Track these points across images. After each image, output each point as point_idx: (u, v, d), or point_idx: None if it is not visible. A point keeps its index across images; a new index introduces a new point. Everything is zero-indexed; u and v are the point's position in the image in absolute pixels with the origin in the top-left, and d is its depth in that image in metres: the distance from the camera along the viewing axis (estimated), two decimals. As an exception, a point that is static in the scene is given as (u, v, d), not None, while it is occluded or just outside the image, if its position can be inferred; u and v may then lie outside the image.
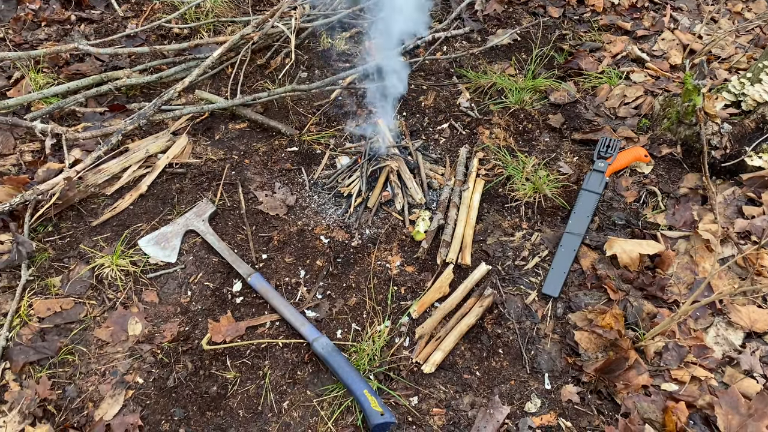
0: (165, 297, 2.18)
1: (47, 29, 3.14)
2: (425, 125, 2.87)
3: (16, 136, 2.60)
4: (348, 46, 3.22)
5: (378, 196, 2.49)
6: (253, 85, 3.01)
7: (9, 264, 2.19)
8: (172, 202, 2.48)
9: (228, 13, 3.33)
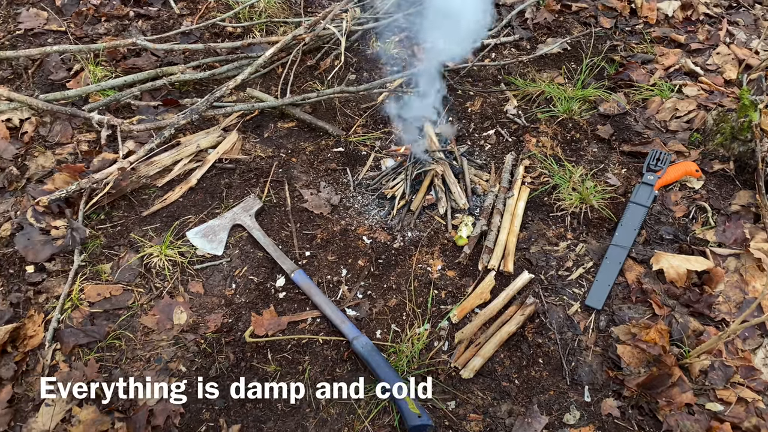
0: (210, 288, 2.22)
1: (107, 24, 3.25)
2: (471, 131, 2.87)
3: (74, 126, 2.69)
4: (397, 50, 3.24)
5: (421, 200, 2.49)
6: (303, 85, 3.06)
7: (63, 249, 2.26)
8: (220, 197, 2.53)
9: (280, 13, 3.39)
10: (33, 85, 2.90)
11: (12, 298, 2.13)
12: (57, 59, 2.99)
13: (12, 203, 2.41)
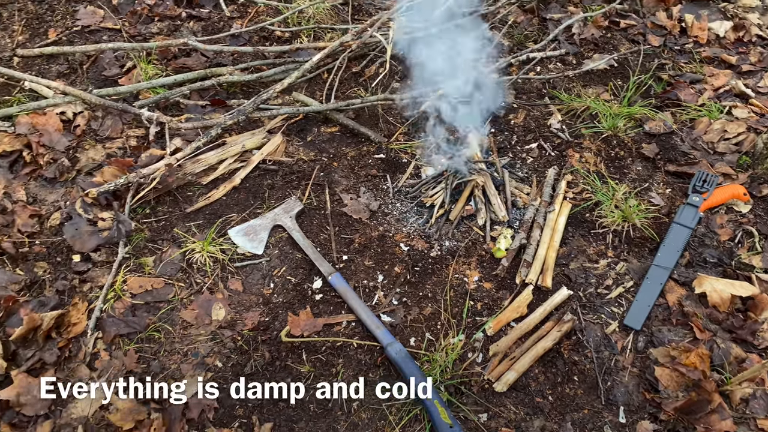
0: (249, 286, 2.25)
1: (159, 24, 3.33)
2: (514, 143, 2.86)
3: (124, 122, 2.77)
4: (441, 60, 3.25)
5: (461, 210, 2.49)
6: (347, 91, 3.09)
7: (108, 240, 2.32)
8: (262, 197, 2.57)
9: (328, 20, 3.43)
10: (87, 80, 2.99)
11: (58, 285, 2.20)
12: (111, 56, 3.07)
13: (62, 193, 2.48)
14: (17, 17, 3.26)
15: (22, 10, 3.29)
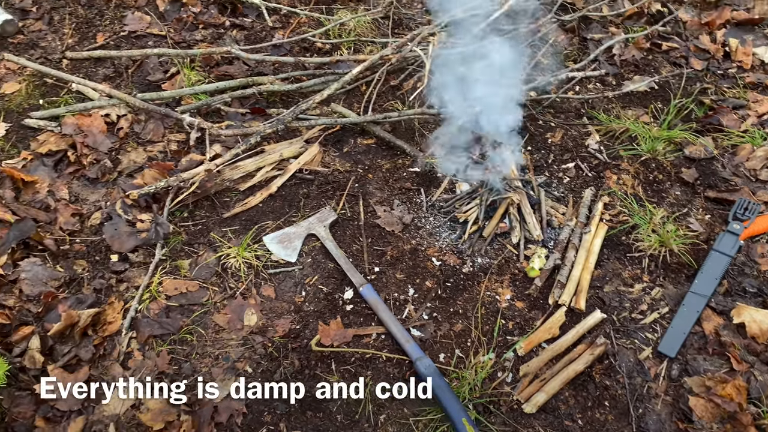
0: (281, 294, 2.27)
1: (204, 31, 3.40)
2: (550, 162, 2.84)
3: (166, 126, 2.82)
4: (480, 76, 3.25)
5: (494, 227, 2.48)
6: (384, 104, 3.11)
7: (146, 241, 2.37)
8: (297, 205, 2.59)
9: (369, 33, 3.47)
10: (131, 84, 3.06)
11: (96, 284, 2.24)
12: (155, 61, 3.14)
13: (103, 194, 2.54)
14: (68, 21, 3.36)
15: (72, 14, 3.39)
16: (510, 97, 2.98)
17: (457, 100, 3.01)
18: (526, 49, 3.42)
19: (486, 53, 3.33)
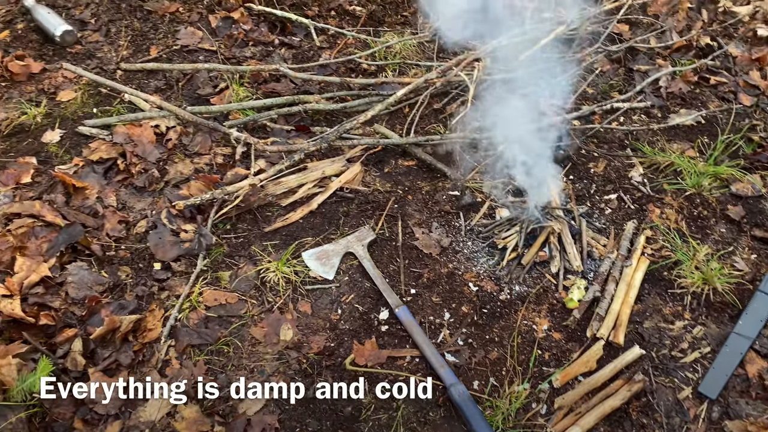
0: (317, 310, 2.29)
1: (253, 48, 3.48)
2: (592, 192, 2.82)
3: (213, 139, 2.89)
4: (524, 103, 3.25)
5: (534, 255, 2.46)
6: (427, 126, 3.13)
7: (189, 251, 2.41)
8: (337, 223, 2.61)
9: (414, 56, 3.51)
10: (181, 97, 3.14)
11: (138, 290, 2.29)
12: (205, 76, 3.23)
13: (150, 203, 2.60)
14: (124, 33, 3.47)
15: (128, 26, 3.51)
16: (553, 126, 2.97)
17: (500, 126, 3.02)
18: (571, 78, 3.41)
19: (531, 80, 3.33)
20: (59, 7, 3.52)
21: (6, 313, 2.07)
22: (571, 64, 3.46)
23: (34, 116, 2.92)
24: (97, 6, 3.58)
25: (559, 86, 3.31)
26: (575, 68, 3.45)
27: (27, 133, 2.87)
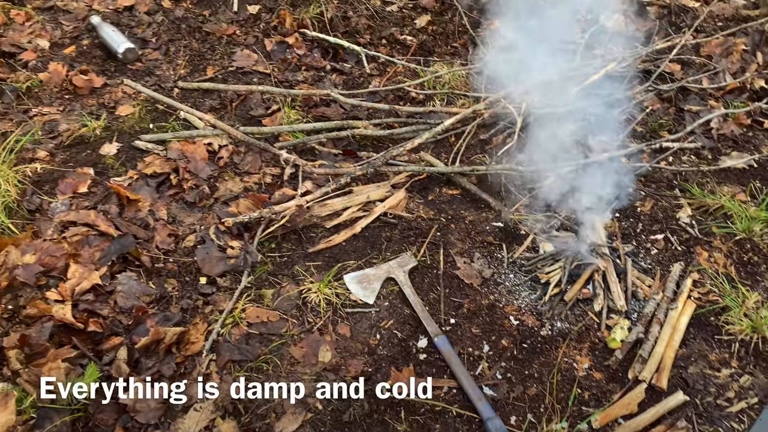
0: (356, 334, 2.30)
1: (305, 73, 3.57)
2: (638, 231, 2.78)
3: (263, 159, 2.95)
4: (571, 138, 3.25)
5: (577, 292, 2.44)
6: (472, 156, 3.15)
7: (234, 268, 2.46)
8: (379, 248, 2.63)
9: (462, 87, 3.54)
10: (234, 117, 3.23)
11: (183, 303, 2.34)
12: (258, 97, 3.31)
13: (199, 218, 2.67)
14: (182, 53, 3.60)
15: (187, 47, 3.64)
16: (600, 162, 2.96)
17: (547, 160, 3.02)
18: (620, 115, 3.40)
19: (579, 116, 3.33)
20: (123, 26, 3.67)
21: (57, 317, 2.14)
22: (620, 102, 3.45)
23: (94, 129, 3.04)
24: (159, 26, 3.72)
25: (607, 123, 3.30)
26: (625, 106, 3.44)
27: (86, 145, 2.98)
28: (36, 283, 2.26)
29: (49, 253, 2.36)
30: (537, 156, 3.12)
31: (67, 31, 3.66)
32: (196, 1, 3.95)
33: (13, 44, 3.49)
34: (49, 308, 2.16)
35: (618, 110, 3.39)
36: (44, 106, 3.16)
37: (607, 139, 3.19)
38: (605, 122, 3.29)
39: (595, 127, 3.24)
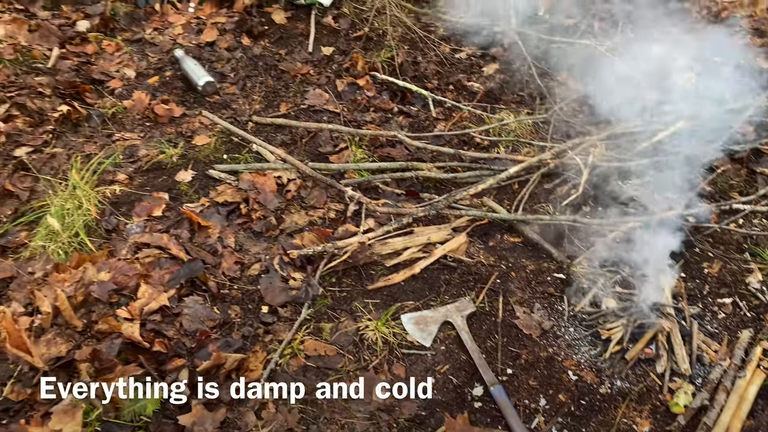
0: (411, 376, 2.30)
1: (374, 114, 3.66)
2: (705, 293, 2.70)
3: (328, 195, 3.03)
4: (637, 194, 3.21)
5: (639, 351, 2.38)
6: (535, 205, 3.14)
7: (296, 299, 2.51)
8: (438, 290, 2.64)
9: (528, 135, 3.56)
10: (303, 152, 3.33)
11: (245, 330, 2.40)
12: (327, 135, 3.42)
13: (264, 248, 2.74)
14: (258, 89, 3.76)
15: (263, 83, 3.79)
16: (667, 220, 2.90)
17: (612, 214, 2.99)
18: (688, 174, 3.34)
19: (647, 172, 3.30)
20: (204, 60, 3.86)
21: (126, 335, 2.22)
22: (690, 160, 3.39)
23: (171, 156, 3.19)
24: (237, 62, 3.90)
25: (675, 181, 3.25)
26: (694, 164, 3.38)
27: (163, 171, 3.13)
28: (108, 300, 2.37)
29: (122, 272, 2.47)
30: (602, 209, 3.10)
31: (152, 62, 3.87)
32: (273, 41, 4.12)
33: (103, 72, 3.72)
34: (119, 325, 2.25)
35: (686, 169, 3.34)
36: (126, 132, 3.34)
37: (675, 197, 3.13)
38: (673, 180, 3.24)
39: (662, 184, 3.19)
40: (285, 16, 4.27)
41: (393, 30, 4.13)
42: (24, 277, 2.46)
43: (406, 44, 4.17)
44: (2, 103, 3.30)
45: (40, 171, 2.99)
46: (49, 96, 3.42)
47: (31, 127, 3.24)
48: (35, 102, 3.33)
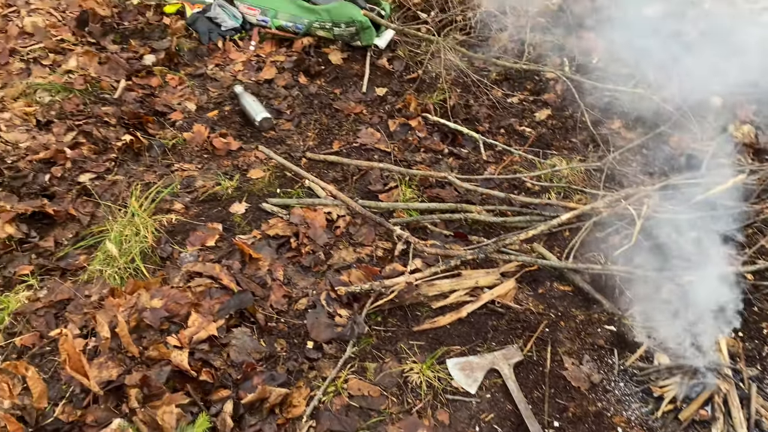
0: (455, 423, 2.26)
1: (424, 154, 3.69)
2: (764, 355, 2.59)
3: (377, 233, 3.04)
4: (693, 248, 3.12)
5: (694, 412, 2.28)
6: (586, 253, 3.08)
7: (341, 336, 2.51)
8: (484, 336, 2.61)
9: (580, 182, 3.53)
10: (354, 190, 3.37)
11: (290, 365, 2.40)
12: (378, 173, 3.45)
13: (312, 282, 2.76)
14: (312, 126, 3.84)
15: (317, 121, 3.87)
16: (724, 276, 2.81)
17: (666, 267, 2.91)
18: (745, 229, 3.25)
19: (702, 225, 3.21)
20: (262, 97, 3.97)
21: (174, 363, 2.25)
22: (747, 215, 3.30)
23: (227, 188, 3.27)
24: (293, 100, 4.00)
25: (732, 236, 3.16)
26: (752, 220, 3.29)
27: (218, 202, 3.20)
28: (159, 327, 2.41)
29: (174, 299, 2.51)
30: (655, 261, 3.03)
31: (212, 96, 4.01)
32: (329, 80, 4.22)
33: (165, 104, 3.86)
34: (169, 353, 2.28)
35: (744, 224, 3.25)
36: (185, 163, 3.45)
37: (733, 252, 3.04)
38: (730, 235, 3.16)
39: (719, 238, 3.11)
40: (341, 56, 4.37)
41: (446, 73, 4.19)
42: (80, 300, 2.54)
43: (459, 87, 4.21)
44: (70, 130, 3.46)
45: (101, 197, 3.11)
46: (114, 125, 3.57)
47: (95, 154, 3.38)
48: (101, 131, 3.48)
